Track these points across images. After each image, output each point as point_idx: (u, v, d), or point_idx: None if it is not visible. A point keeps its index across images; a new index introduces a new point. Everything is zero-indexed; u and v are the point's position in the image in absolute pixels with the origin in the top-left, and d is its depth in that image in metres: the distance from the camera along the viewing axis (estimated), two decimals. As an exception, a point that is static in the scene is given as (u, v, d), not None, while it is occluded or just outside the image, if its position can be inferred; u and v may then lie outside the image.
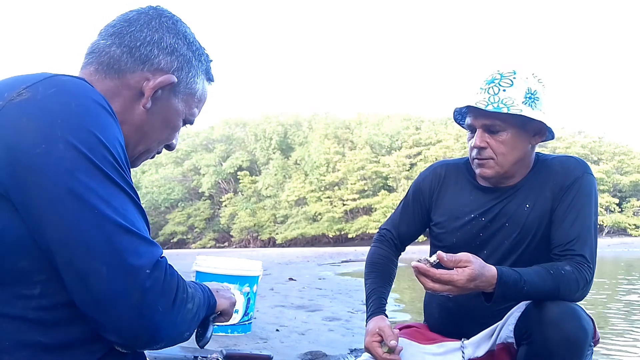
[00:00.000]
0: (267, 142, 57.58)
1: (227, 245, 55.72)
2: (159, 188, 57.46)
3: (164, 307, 0.80)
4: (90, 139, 0.77)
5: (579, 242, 1.44)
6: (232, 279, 1.53)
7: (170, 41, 0.98)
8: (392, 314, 5.15)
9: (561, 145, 47.04)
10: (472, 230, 1.60)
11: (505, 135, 1.50)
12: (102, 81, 0.94)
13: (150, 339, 0.80)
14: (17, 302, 0.78)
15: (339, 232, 49.88)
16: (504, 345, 1.49)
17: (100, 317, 0.76)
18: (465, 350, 1.57)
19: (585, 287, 1.40)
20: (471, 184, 1.66)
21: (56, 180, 0.74)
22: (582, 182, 1.51)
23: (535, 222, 1.53)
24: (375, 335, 1.51)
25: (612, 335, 3.80)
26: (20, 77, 0.84)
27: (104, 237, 0.75)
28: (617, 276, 9.54)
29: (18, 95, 0.78)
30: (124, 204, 0.79)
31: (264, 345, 3.07)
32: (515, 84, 1.49)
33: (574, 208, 1.49)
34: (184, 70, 1.00)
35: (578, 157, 1.59)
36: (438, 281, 1.29)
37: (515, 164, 1.54)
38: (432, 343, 1.65)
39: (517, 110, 1.46)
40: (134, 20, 0.97)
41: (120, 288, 0.75)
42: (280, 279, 8.75)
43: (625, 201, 45.85)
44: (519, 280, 1.33)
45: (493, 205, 1.59)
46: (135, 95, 0.96)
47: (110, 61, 0.95)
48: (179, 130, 1.07)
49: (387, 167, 49.62)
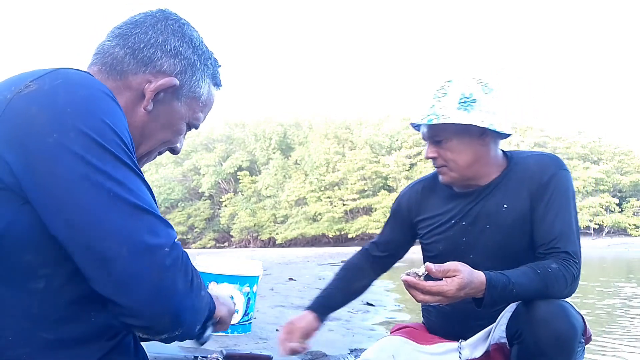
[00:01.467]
0: (267, 142, 57.60)
1: (227, 246, 55.75)
2: (159, 188, 57.44)
3: (183, 287, 0.80)
4: (100, 125, 0.78)
5: (562, 239, 1.46)
6: (232, 279, 1.53)
7: (175, 44, 0.98)
8: (392, 313, 5.17)
9: (561, 145, 47.08)
10: (455, 235, 1.63)
11: (449, 142, 1.56)
12: (105, 82, 0.94)
13: (172, 320, 0.79)
14: (21, 296, 0.78)
15: (339, 232, 49.88)
16: (498, 346, 1.50)
17: (122, 300, 0.76)
18: (462, 352, 1.58)
19: (573, 282, 1.42)
20: (448, 192, 1.69)
21: (70, 168, 0.74)
22: (558, 179, 1.53)
23: (516, 222, 1.54)
24: (287, 330, 1.64)
25: (615, 332, 3.80)
26: (27, 73, 0.85)
27: (121, 218, 0.75)
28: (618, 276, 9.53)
29: (25, 87, 0.79)
30: (138, 185, 0.80)
31: (264, 345, 3.07)
32: (448, 92, 1.55)
33: (552, 206, 1.50)
34: (188, 74, 1.00)
35: (552, 154, 1.62)
36: (428, 293, 1.30)
37: (471, 166, 1.58)
38: (430, 343, 1.66)
39: (446, 119, 1.51)
40: (140, 23, 0.98)
41: (142, 268, 0.75)
42: (280, 279, 8.75)
43: (625, 201, 45.85)
44: (507, 284, 1.34)
45: (471, 207, 1.61)
46: (136, 97, 0.96)
47: (114, 62, 0.96)
48: (184, 134, 1.07)
49: (387, 167, 49.64)
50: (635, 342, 3.59)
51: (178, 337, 0.85)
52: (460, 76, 1.58)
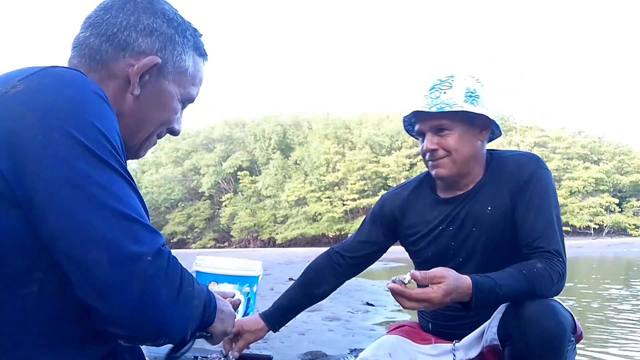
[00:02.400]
0: (267, 142, 57.52)
1: (227, 245, 55.66)
2: (159, 188, 57.40)
3: (168, 297, 0.77)
4: (87, 126, 0.76)
5: (545, 239, 1.46)
6: (232, 279, 1.53)
7: (148, 22, 0.94)
8: (392, 314, 5.17)
9: (561, 145, 46.99)
10: (443, 241, 1.64)
11: (453, 133, 1.56)
12: (88, 74, 0.91)
13: (156, 330, 0.77)
14: (15, 300, 0.76)
15: (339, 232, 49.80)
16: (491, 348, 1.50)
17: (103, 308, 0.74)
18: (456, 353, 1.59)
19: (560, 281, 1.42)
20: (433, 199, 1.70)
21: (53, 170, 0.72)
22: (537, 178, 1.54)
23: (500, 223, 1.55)
24: (236, 332, 1.69)
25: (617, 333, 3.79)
26: (14, 72, 0.83)
27: (103, 224, 0.73)
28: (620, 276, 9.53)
29: (12, 87, 0.77)
30: (124, 189, 0.77)
31: (264, 345, 3.07)
32: (454, 86, 1.56)
33: (533, 205, 1.51)
34: (168, 50, 0.96)
35: (531, 153, 1.63)
36: (415, 300, 1.30)
37: (468, 160, 1.58)
38: (426, 343, 1.68)
39: (459, 108, 1.52)
40: (108, 8, 0.95)
41: (122, 276, 0.73)
42: (280, 279, 8.78)
43: (625, 201, 45.78)
44: (494, 286, 1.35)
45: (458, 213, 1.62)
46: (122, 84, 0.93)
47: (92, 53, 0.93)
48: (179, 113, 1.03)
49: (387, 167, 49.56)
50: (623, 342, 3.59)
51: (168, 343, 0.83)
52: (461, 72, 1.60)
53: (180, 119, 1.05)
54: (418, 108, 1.57)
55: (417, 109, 1.58)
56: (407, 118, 1.68)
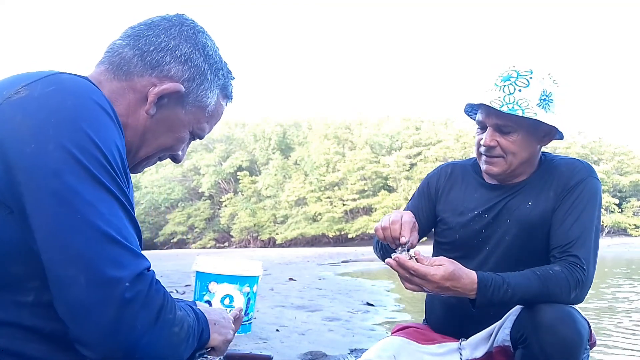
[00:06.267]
0: (266, 143, 57.55)
1: (227, 246, 55.66)
2: (159, 188, 57.40)
3: (143, 324, 0.74)
4: (83, 140, 0.74)
5: (577, 245, 1.43)
6: (232, 279, 1.52)
7: (186, 50, 0.96)
8: (392, 314, 5.16)
9: (561, 145, 46.95)
10: (474, 226, 1.61)
11: (516, 136, 1.51)
12: (110, 81, 0.93)
13: (125, 356, 0.74)
14: (11, 308, 0.76)
15: (339, 232, 49.84)
16: (501, 348, 1.49)
17: (74, 328, 0.72)
18: (463, 352, 1.57)
19: (578, 287, 1.38)
20: (477, 181, 1.67)
21: (42, 182, 0.71)
22: (586, 185, 1.51)
23: (536, 220, 1.52)
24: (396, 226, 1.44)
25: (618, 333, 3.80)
26: (22, 75, 0.83)
27: (84, 243, 0.71)
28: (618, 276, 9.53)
29: (16, 93, 0.77)
30: (112, 209, 0.75)
31: (264, 345, 3.07)
32: (531, 85, 1.48)
33: (575, 210, 1.48)
34: (196, 82, 0.97)
35: (585, 161, 1.59)
36: (415, 273, 1.33)
37: (523, 163, 1.55)
38: (432, 343, 1.65)
39: (532, 114, 1.45)
40: (154, 25, 0.96)
41: (97, 299, 0.71)
42: (280, 279, 8.75)
43: (625, 201, 45.83)
44: (501, 284, 1.34)
45: (497, 202, 1.59)
46: (140, 100, 0.94)
47: (121, 62, 0.94)
48: (186, 143, 1.04)
49: (387, 167, 49.59)
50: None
51: None
52: (540, 68, 1.52)
53: (185, 149, 1.06)
54: (488, 102, 1.48)
55: (487, 102, 1.48)
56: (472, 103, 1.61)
